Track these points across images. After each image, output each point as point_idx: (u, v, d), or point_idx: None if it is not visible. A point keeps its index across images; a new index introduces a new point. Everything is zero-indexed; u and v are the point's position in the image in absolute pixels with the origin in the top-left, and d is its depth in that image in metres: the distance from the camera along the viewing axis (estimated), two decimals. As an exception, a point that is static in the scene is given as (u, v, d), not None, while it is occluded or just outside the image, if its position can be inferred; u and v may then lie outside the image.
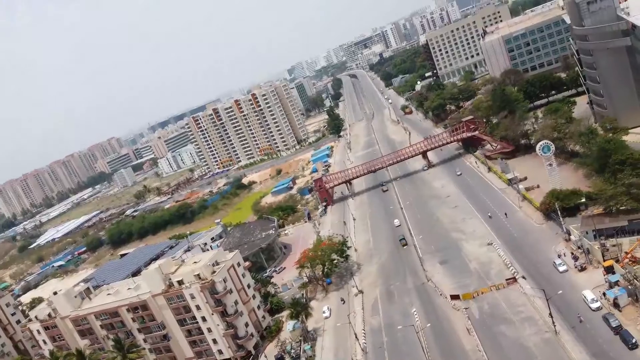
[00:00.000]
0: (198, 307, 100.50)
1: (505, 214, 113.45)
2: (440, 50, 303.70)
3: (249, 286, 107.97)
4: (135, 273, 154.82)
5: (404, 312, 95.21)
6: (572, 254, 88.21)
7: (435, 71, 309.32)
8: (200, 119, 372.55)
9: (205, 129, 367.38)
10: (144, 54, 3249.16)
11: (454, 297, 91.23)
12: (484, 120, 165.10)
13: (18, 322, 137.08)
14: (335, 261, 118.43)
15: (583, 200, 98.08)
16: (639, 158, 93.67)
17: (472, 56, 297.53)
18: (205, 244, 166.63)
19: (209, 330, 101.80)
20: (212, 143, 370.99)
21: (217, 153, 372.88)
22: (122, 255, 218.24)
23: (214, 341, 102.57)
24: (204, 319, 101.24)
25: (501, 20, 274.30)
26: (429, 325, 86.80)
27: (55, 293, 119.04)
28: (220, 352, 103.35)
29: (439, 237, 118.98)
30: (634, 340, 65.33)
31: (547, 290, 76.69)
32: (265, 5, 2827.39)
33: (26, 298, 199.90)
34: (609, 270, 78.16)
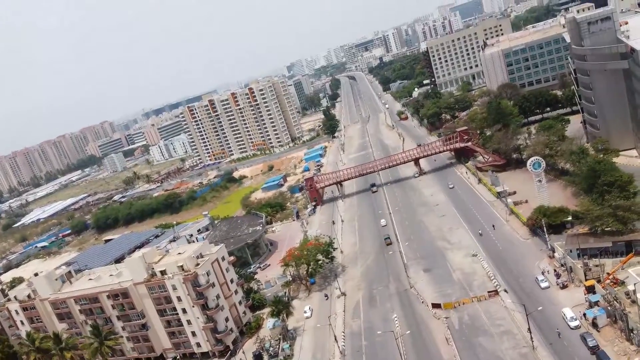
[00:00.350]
0: (179, 299, 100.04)
1: (493, 226, 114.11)
2: (440, 58, 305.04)
3: (232, 281, 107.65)
4: (119, 260, 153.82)
5: (384, 317, 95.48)
6: (555, 271, 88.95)
7: (433, 79, 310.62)
8: (196, 109, 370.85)
9: (200, 120, 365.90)
10: (144, 53, 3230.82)
11: (435, 305, 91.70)
12: (478, 131, 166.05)
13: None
14: (321, 262, 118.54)
15: (569, 218, 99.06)
16: (627, 180, 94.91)
17: (471, 67, 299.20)
18: (191, 235, 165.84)
19: (189, 322, 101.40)
20: (205, 134, 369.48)
21: (209, 144, 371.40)
22: (107, 241, 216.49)
23: (193, 334, 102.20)
24: (184, 310, 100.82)
25: (502, 34, 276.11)
26: (408, 332, 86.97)
27: (36, 274, 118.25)
28: (198, 345, 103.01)
29: (424, 244, 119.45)
30: (609, 361, 65.91)
31: (528, 306, 77.46)
32: (265, 5, 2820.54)
33: (6, 277, 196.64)
34: (590, 290, 78.73)
